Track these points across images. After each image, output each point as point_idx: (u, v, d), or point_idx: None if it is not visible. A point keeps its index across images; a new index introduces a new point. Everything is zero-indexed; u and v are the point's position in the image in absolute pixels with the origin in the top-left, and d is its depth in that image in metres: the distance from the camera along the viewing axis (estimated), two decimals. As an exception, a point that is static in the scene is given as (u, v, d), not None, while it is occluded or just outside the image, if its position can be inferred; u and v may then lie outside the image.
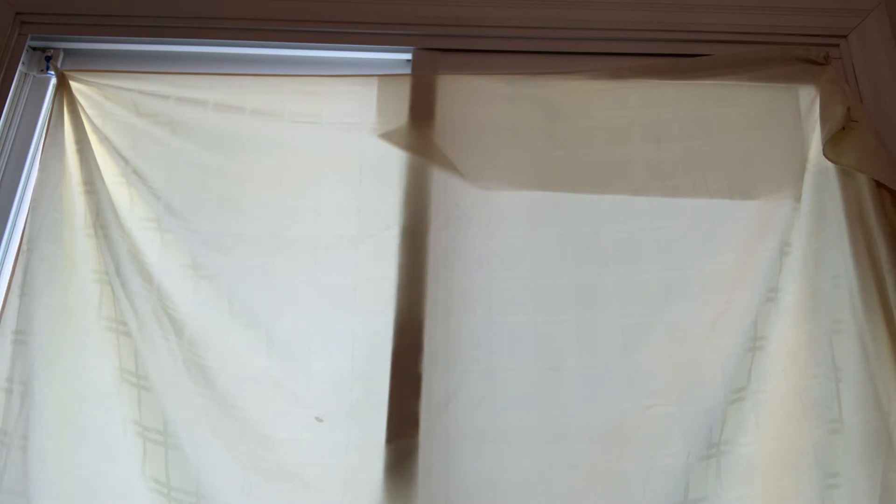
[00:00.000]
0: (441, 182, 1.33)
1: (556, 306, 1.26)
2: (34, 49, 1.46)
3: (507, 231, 1.30)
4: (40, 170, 1.32)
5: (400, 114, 1.37)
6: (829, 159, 1.27)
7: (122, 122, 1.36)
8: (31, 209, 1.30)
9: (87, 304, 1.25)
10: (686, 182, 1.33)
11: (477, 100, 1.39)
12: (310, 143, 1.35)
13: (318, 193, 1.33)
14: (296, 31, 1.46)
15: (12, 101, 1.41)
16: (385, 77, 1.41)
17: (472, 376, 1.22)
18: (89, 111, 1.37)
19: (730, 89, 1.40)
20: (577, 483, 1.16)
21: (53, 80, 1.42)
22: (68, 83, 1.38)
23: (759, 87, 1.39)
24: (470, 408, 1.20)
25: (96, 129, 1.35)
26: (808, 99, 1.38)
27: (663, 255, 1.28)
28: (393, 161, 1.34)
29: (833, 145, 1.27)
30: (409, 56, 1.46)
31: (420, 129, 1.36)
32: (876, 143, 1.29)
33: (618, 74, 1.40)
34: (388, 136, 1.36)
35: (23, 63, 1.43)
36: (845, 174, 1.30)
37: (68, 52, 1.48)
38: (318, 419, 1.20)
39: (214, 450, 1.17)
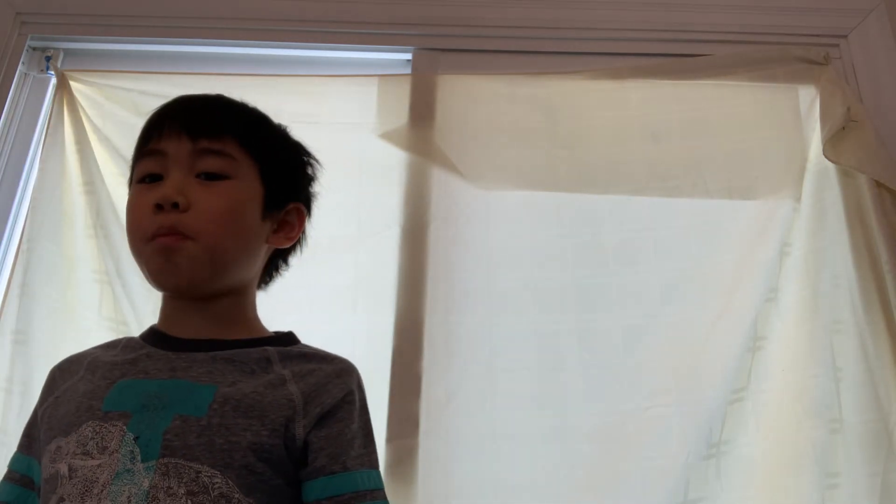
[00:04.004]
0: (441, 182, 1.33)
1: (556, 306, 1.26)
2: (34, 49, 1.46)
3: (507, 231, 1.30)
4: (40, 170, 1.32)
5: (400, 114, 1.37)
6: (829, 159, 1.27)
7: (122, 122, 1.35)
8: (31, 209, 1.30)
9: (87, 304, 1.25)
10: (686, 182, 1.33)
11: (477, 100, 1.39)
12: (309, 144, 1.35)
13: (317, 193, 1.32)
14: (296, 31, 1.46)
15: (12, 101, 1.41)
16: (385, 77, 1.41)
17: (472, 376, 1.22)
18: (89, 111, 1.36)
19: (730, 89, 1.39)
20: (577, 483, 1.16)
21: (53, 80, 1.42)
22: (68, 83, 1.38)
23: (759, 87, 1.39)
24: (470, 408, 1.20)
25: (96, 129, 1.35)
26: (808, 99, 1.38)
27: (663, 255, 1.28)
28: (393, 161, 1.34)
29: (833, 145, 1.27)
30: (409, 56, 1.46)
31: (420, 129, 1.36)
32: (876, 143, 1.29)
33: (618, 74, 1.40)
34: (388, 136, 1.36)
35: (23, 63, 1.43)
36: (845, 174, 1.30)
37: (68, 52, 1.47)
38: (319, 419, 1.20)
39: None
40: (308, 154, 0.95)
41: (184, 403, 0.72)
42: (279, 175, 0.87)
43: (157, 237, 0.77)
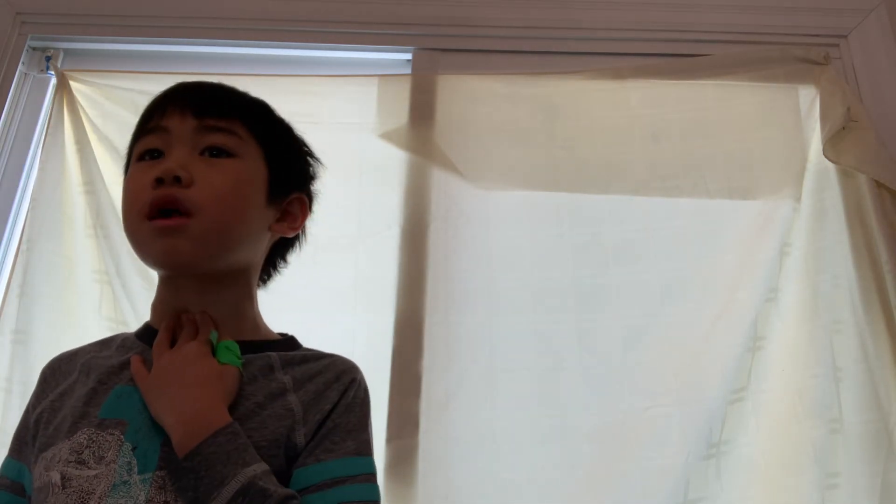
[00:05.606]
0: (441, 182, 1.33)
1: (556, 306, 1.26)
2: (34, 49, 1.46)
3: (507, 231, 1.30)
4: (40, 170, 1.32)
5: (400, 114, 1.37)
6: (829, 159, 1.27)
7: (122, 122, 1.35)
8: (31, 209, 1.30)
9: (87, 304, 1.25)
10: (686, 182, 1.33)
11: (477, 100, 1.39)
12: (310, 144, 1.35)
13: (318, 193, 1.32)
14: (296, 31, 1.47)
15: (12, 101, 1.41)
16: (385, 77, 1.41)
17: (472, 376, 1.22)
18: (89, 111, 1.36)
19: (730, 89, 1.39)
20: (577, 483, 1.16)
21: (53, 80, 1.42)
22: (68, 83, 1.38)
23: (759, 87, 1.39)
24: (470, 408, 1.20)
25: (96, 129, 1.35)
26: (808, 99, 1.38)
27: (663, 256, 1.28)
28: (393, 161, 1.34)
29: (833, 145, 1.27)
30: (409, 56, 1.46)
31: (420, 129, 1.36)
32: (876, 143, 1.29)
33: (618, 74, 1.40)
34: (388, 136, 1.36)
35: (23, 63, 1.43)
36: (845, 174, 1.30)
37: (68, 52, 1.47)
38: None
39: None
40: (311, 152, 0.93)
41: None
42: (284, 160, 0.85)
43: (155, 219, 0.73)
